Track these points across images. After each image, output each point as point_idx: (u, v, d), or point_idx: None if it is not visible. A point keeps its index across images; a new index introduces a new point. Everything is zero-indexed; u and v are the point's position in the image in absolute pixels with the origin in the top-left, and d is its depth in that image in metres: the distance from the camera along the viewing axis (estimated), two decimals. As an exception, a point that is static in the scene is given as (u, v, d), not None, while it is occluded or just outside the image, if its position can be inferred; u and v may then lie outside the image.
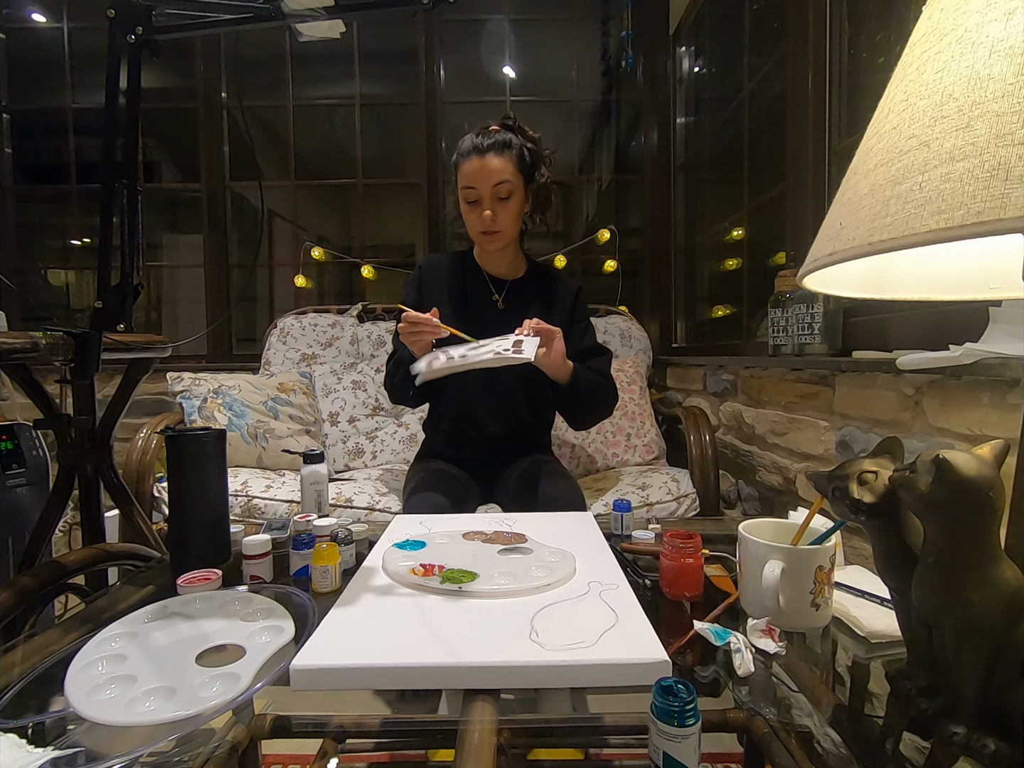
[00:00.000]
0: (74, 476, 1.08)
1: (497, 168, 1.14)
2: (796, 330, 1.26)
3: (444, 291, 1.28)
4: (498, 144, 1.14)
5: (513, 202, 1.18)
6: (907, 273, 0.54)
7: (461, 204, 1.20)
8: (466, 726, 0.44)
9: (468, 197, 1.17)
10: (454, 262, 1.33)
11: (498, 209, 1.16)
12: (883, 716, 0.47)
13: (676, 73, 2.40)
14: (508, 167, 1.15)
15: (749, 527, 0.63)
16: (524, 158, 1.18)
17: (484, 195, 1.15)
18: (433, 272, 1.31)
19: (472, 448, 1.28)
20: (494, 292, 1.29)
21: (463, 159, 1.16)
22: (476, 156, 1.14)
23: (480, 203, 1.16)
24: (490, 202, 1.16)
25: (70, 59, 2.47)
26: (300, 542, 0.73)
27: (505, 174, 1.15)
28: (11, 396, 1.94)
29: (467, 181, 1.16)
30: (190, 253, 2.57)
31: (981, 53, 0.35)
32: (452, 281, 1.30)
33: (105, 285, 0.86)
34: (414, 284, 1.30)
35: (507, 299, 1.29)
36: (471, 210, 1.18)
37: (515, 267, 1.31)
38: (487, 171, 1.14)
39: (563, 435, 1.75)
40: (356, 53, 2.48)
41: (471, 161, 1.15)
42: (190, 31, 0.88)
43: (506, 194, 1.16)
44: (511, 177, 1.15)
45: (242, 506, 1.43)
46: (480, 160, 1.14)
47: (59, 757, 0.40)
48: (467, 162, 1.15)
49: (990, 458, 0.40)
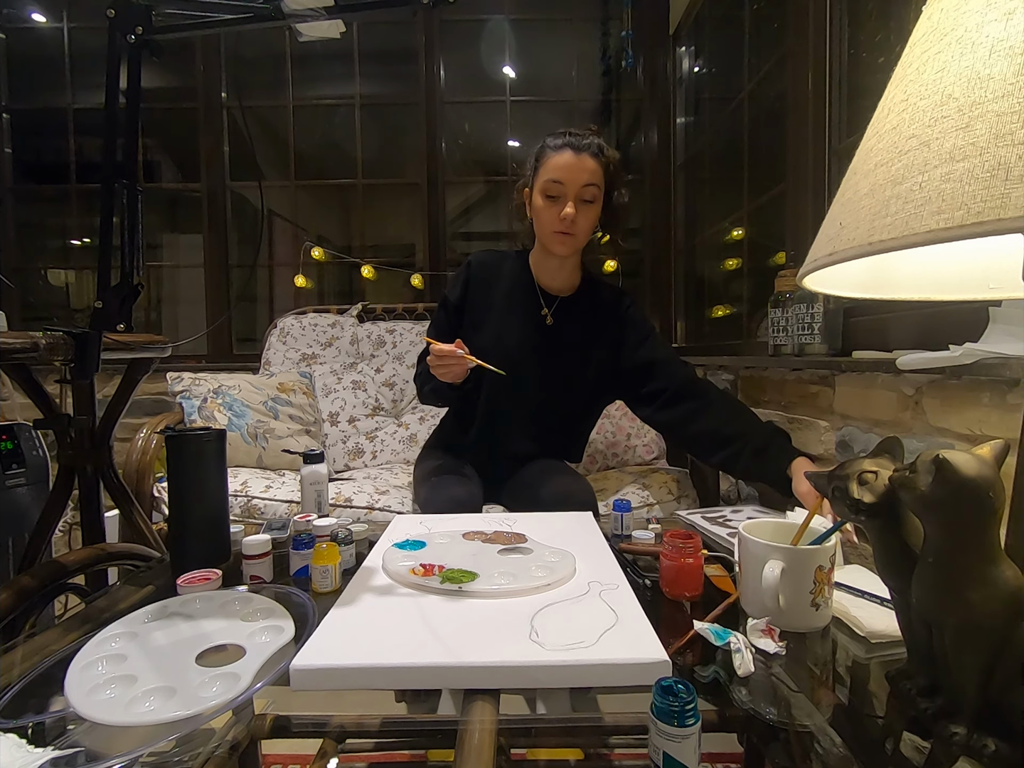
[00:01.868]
0: (74, 476, 1.07)
1: (591, 169, 1.09)
2: (796, 330, 1.26)
3: (491, 294, 1.22)
4: (594, 146, 1.10)
5: (594, 209, 1.13)
6: (907, 273, 0.54)
7: (536, 199, 1.12)
8: (466, 726, 0.44)
9: (551, 191, 1.09)
10: (506, 264, 1.26)
11: (580, 210, 1.10)
12: (883, 716, 0.47)
13: (676, 73, 2.40)
14: (599, 172, 1.10)
15: (749, 527, 0.63)
16: (609, 170, 1.13)
17: (570, 193, 1.09)
18: (483, 271, 1.24)
19: (495, 464, 1.25)
20: (544, 306, 1.22)
21: (553, 151, 1.10)
22: (572, 151, 1.08)
23: (562, 200, 1.09)
24: (575, 201, 1.09)
25: (70, 59, 2.47)
26: (300, 542, 0.73)
27: (595, 178, 1.10)
28: (11, 396, 1.94)
29: (555, 174, 1.08)
30: (190, 253, 2.57)
31: (981, 53, 0.35)
32: (501, 285, 1.23)
33: (105, 285, 0.86)
34: (460, 282, 1.23)
35: (556, 314, 1.21)
36: (550, 205, 1.10)
37: (571, 281, 1.24)
38: (581, 168, 1.08)
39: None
40: (356, 53, 2.48)
41: (564, 155, 1.08)
42: (190, 31, 0.88)
43: (591, 198, 1.10)
44: (599, 183, 1.11)
45: (242, 506, 1.43)
46: (576, 156, 1.08)
47: (59, 757, 0.40)
48: (559, 155, 1.09)
49: (990, 458, 0.40)
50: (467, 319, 1.22)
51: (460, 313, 1.22)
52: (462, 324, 1.22)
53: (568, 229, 1.10)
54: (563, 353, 1.20)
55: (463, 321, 1.22)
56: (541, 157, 1.12)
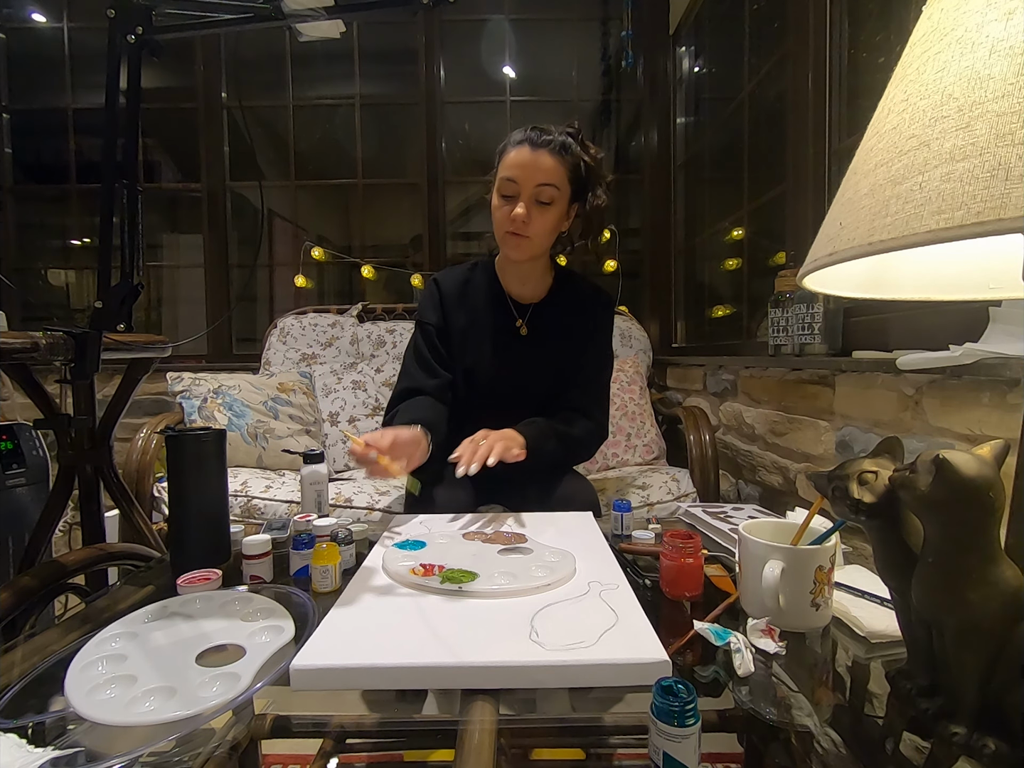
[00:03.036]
0: (74, 476, 1.07)
1: (547, 167, 0.99)
2: (796, 330, 1.26)
3: (465, 313, 1.14)
4: (556, 144, 1.00)
5: (552, 212, 1.02)
6: (907, 273, 0.54)
7: (494, 198, 1.05)
8: (466, 726, 0.44)
9: (504, 190, 1.02)
10: (473, 278, 1.17)
11: (534, 212, 1.01)
12: (883, 716, 0.47)
13: (676, 73, 2.40)
14: (559, 172, 1.01)
15: (749, 527, 0.63)
16: (579, 171, 1.03)
17: (523, 192, 1.00)
18: (454, 289, 1.15)
19: (490, 470, 1.15)
20: (517, 316, 1.14)
21: (510, 147, 1.02)
22: (528, 147, 0.99)
23: (515, 199, 1.01)
24: (528, 202, 1.01)
25: (70, 59, 2.47)
26: (300, 542, 0.73)
27: (553, 178, 1.00)
28: (11, 396, 1.94)
29: (509, 171, 1.00)
30: (190, 253, 2.57)
31: (981, 53, 0.35)
32: (472, 301, 1.15)
33: (105, 285, 0.86)
34: (435, 306, 1.14)
35: (531, 323, 1.14)
36: (503, 204, 1.02)
37: (542, 286, 1.16)
38: (535, 166, 0.99)
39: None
40: (356, 53, 2.48)
41: (520, 151, 1.00)
42: (190, 31, 0.88)
43: (548, 199, 1.01)
44: (558, 183, 1.01)
45: (242, 506, 1.43)
46: (531, 153, 0.99)
47: (59, 757, 0.40)
48: (515, 151, 1.00)
49: (990, 458, 0.40)
50: (451, 340, 1.15)
51: (445, 336, 1.14)
52: (450, 344, 1.14)
53: (519, 230, 1.01)
54: (542, 365, 1.13)
55: (449, 345, 1.14)
56: (502, 153, 1.04)
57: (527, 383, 1.14)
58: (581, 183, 1.05)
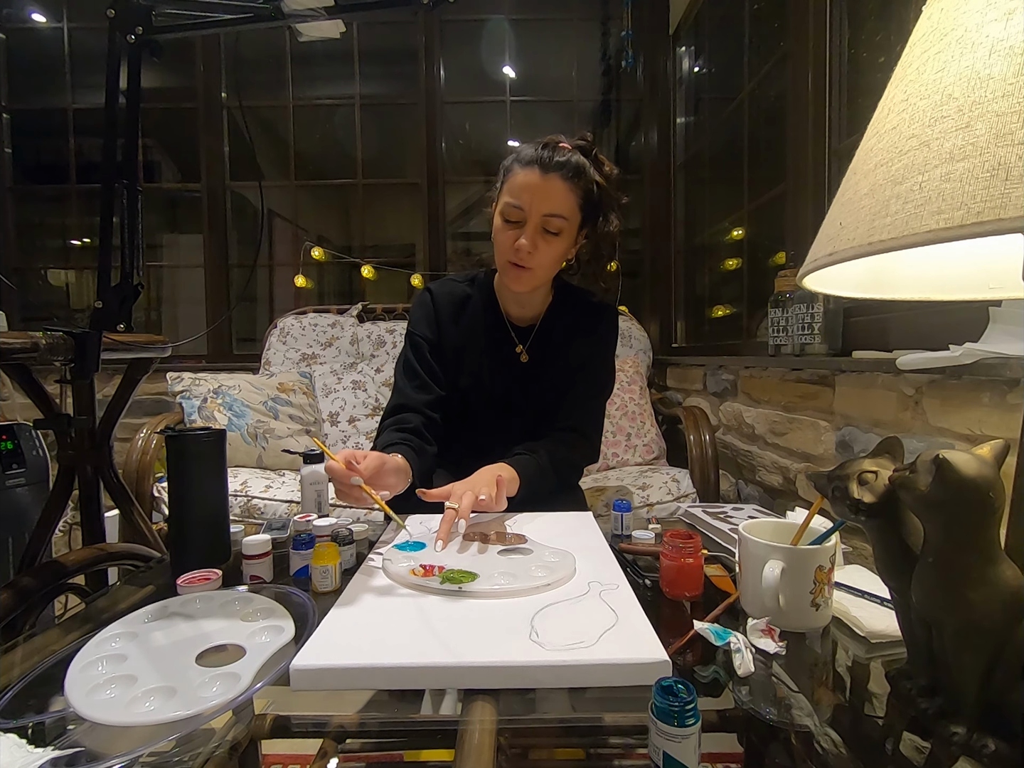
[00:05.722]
0: (74, 476, 1.08)
1: (558, 196, 0.91)
2: (796, 330, 1.26)
3: (460, 335, 1.06)
4: (569, 168, 0.90)
5: (560, 242, 0.94)
6: (907, 273, 0.54)
7: (495, 220, 0.96)
8: (466, 726, 0.44)
9: (509, 215, 0.92)
10: (471, 296, 1.08)
11: (540, 243, 0.92)
12: (883, 716, 0.47)
13: (676, 73, 2.40)
14: (570, 201, 0.92)
15: (749, 527, 0.63)
16: (591, 196, 0.94)
17: (530, 220, 0.91)
18: (449, 303, 1.07)
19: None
20: (517, 342, 1.07)
21: (519, 167, 0.92)
22: (538, 170, 0.89)
23: (520, 226, 0.92)
24: (533, 232, 0.91)
25: (70, 59, 2.48)
26: (300, 542, 0.73)
27: (564, 208, 0.91)
28: (11, 396, 1.94)
29: (515, 197, 0.91)
30: (190, 253, 2.57)
31: (981, 53, 0.35)
32: (468, 320, 1.07)
33: (105, 285, 0.86)
34: (428, 319, 1.06)
35: (531, 349, 1.07)
36: (506, 229, 0.93)
37: (543, 307, 1.08)
38: (544, 194, 0.90)
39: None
40: (356, 53, 2.48)
41: (529, 173, 0.90)
42: (190, 31, 0.88)
43: (556, 230, 0.92)
44: (568, 214, 0.92)
45: (242, 506, 1.43)
46: (542, 177, 0.89)
47: (59, 757, 0.40)
48: (523, 173, 0.91)
49: (990, 458, 0.40)
50: (444, 357, 1.08)
51: (438, 351, 1.07)
52: (443, 361, 1.07)
53: (523, 262, 0.93)
54: (543, 391, 1.07)
55: (442, 361, 1.07)
56: (508, 171, 0.94)
57: (526, 406, 1.09)
58: (593, 207, 0.97)
